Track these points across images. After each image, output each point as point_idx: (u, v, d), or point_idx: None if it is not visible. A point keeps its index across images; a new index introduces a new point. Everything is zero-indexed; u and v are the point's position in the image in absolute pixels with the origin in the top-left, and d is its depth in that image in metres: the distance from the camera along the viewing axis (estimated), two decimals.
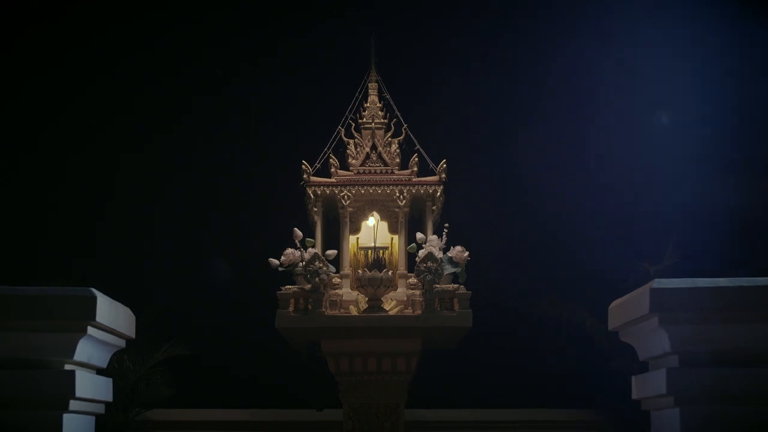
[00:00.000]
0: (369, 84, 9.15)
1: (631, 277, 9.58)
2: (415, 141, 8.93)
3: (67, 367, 4.92)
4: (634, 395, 5.36)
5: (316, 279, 8.24)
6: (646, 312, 4.75)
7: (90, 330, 4.88)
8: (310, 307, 8.29)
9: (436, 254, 8.35)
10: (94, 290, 4.95)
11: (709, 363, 4.80)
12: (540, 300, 10.53)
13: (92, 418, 5.40)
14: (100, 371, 5.46)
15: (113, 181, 11.31)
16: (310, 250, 8.44)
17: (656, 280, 4.70)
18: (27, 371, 4.65)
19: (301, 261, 8.34)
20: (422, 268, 8.30)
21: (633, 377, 5.34)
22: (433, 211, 8.79)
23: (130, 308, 5.74)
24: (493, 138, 11.32)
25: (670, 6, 11.17)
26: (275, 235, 8.96)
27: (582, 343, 9.96)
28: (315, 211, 8.77)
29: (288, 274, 8.44)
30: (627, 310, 5.06)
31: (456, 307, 8.31)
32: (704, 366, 4.81)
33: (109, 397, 5.61)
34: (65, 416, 4.83)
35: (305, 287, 8.29)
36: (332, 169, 8.82)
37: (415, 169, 8.80)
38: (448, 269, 8.41)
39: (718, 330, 4.75)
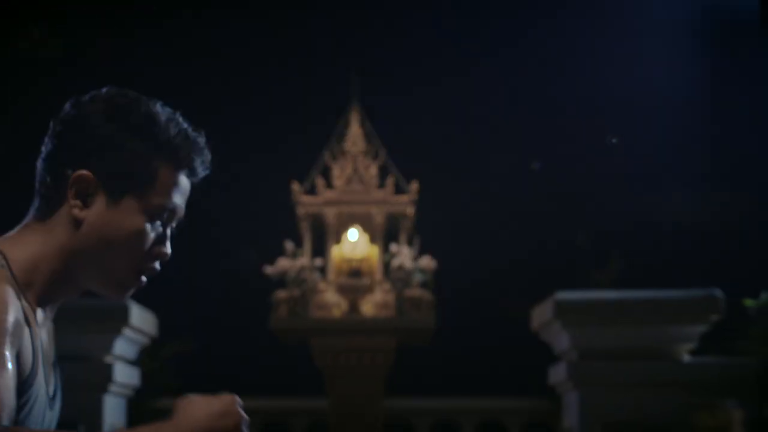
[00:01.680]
0: (351, 114, 10.39)
1: (585, 280, 10.81)
2: (391, 165, 10.15)
3: (107, 359, 6.30)
4: (550, 381, 6.69)
5: (305, 285, 9.53)
6: (551, 317, 6.11)
7: (124, 330, 6.23)
8: (299, 309, 9.58)
9: (407, 264, 9.58)
10: (127, 301, 6.30)
11: (602, 356, 6.07)
12: (506, 298, 11.67)
13: (124, 400, 6.75)
14: (130, 362, 6.79)
15: None
16: (299, 259, 9.71)
17: (558, 292, 6.05)
18: (79, 363, 5.96)
19: (292, 269, 9.61)
20: (394, 276, 9.60)
21: (550, 368, 6.68)
22: (405, 225, 9.94)
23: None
24: (463, 158, 12.33)
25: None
26: (270, 246, 10.06)
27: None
28: (304, 226, 10.00)
29: (281, 281, 9.64)
30: (541, 314, 6.37)
31: (423, 310, 9.58)
32: (597, 359, 6.08)
33: (137, 383, 6.94)
34: (105, 396, 6.21)
35: (295, 293, 9.57)
36: (318, 189, 10.08)
37: (391, 189, 9.97)
38: (418, 277, 9.68)
39: (608, 331, 6.05)
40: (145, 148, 1.82)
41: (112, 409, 6.39)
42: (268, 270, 9.57)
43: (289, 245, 9.63)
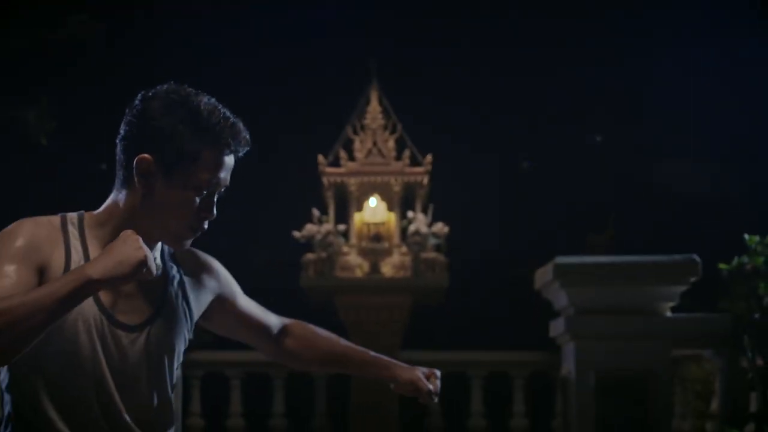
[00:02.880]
0: (371, 93, 11.15)
1: (585, 246, 11.63)
2: (407, 139, 10.95)
3: None
4: (551, 334, 7.57)
5: (330, 248, 10.41)
6: (551, 278, 7.00)
7: None
8: (325, 270, 10.43)
9: (423, 229, 10.35)
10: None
11: (595, 312, 6.90)
12: (513, 262, 12.47)
13: None
14: None
15: None
16: (325, 225, 10.52)
17: (558, 257, 6.94)
18: None
19: (318, 234, 10.41)
20: (411, 240, 10.45)
21: (550, 323, 7.55)
22: (420, 194, 10.75)
23: None
24: (473, 133, 13.06)
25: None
26: (299, 213, 10.71)
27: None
28: (329, 194, 10.82)
29: (308, 245, 10.38)
30: (542, 276, 7.21)
31: (437, 271, 10.42)
32: (591, 314, 6.91)
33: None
34: None
35: (321, 255, 10.44)
36: (342, 161, 10.83)
37: (407, 161, 10.77)
38: (432, 240, 10.47)
39: (601, 290, 6.86)
40: (192, 136, 2.24)
41: None
42: (297, 235, 10.40)
43: (315, 212, 10.46)
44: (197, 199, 2.27)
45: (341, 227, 10.47)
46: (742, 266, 6.57)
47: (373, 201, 10.65)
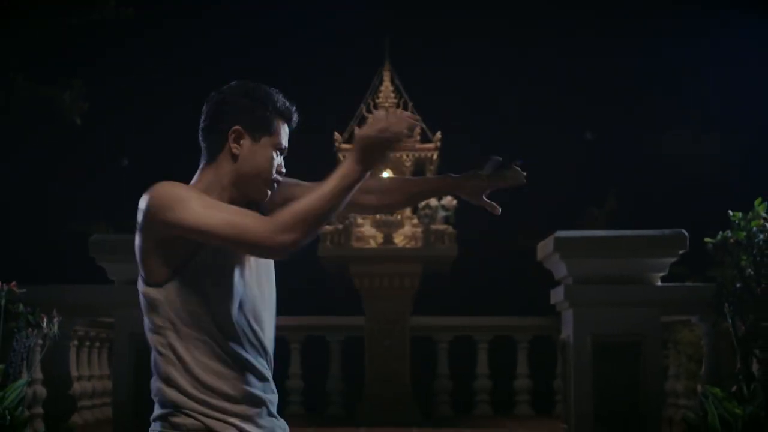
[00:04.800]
0: (384, 73, 11.68)
1: (583, 218, 12.17)
2: (418, 116, 11.51)
3: None
4: (551, 301, 8.08)
5: (346, 220, 10.99)
6: (552, 251, 7.60)
7: None
8: (341, 241, 10.97)
9: (433, 202, 10.88)
10: None
11: (592, 281, 7.42)
12: (517, 234, 13.03)
13: None
14: None
15: None
16: None
17: (558, 231, 7.53)
18: None
19: None
20: (422, 213, 10.99)
21: (551, 290, 8.12)
22: (431, 169, 11.27)
23: None
24: (480, 111, 13.52)
25: None
26: None
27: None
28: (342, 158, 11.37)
29: None
30: (544, 248, 7.78)
31: (446, 242, 10.99)
32: (588, 283, 7.43)
33: None
34: None
35: (338, 226, 10.94)
36: None
37: (418, 138, 11.32)
38: (441, 213, 11.00)
39: (597, 261, 7.39)
40: (267, 110, 2.83)
41: None
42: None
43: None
44: (275, 159, 2.84)
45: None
46: (726, 240, 7.00)
47: (385, 175, 11.14)
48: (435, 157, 11.31)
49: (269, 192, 2.86)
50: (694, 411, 7.24)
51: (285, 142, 2.88)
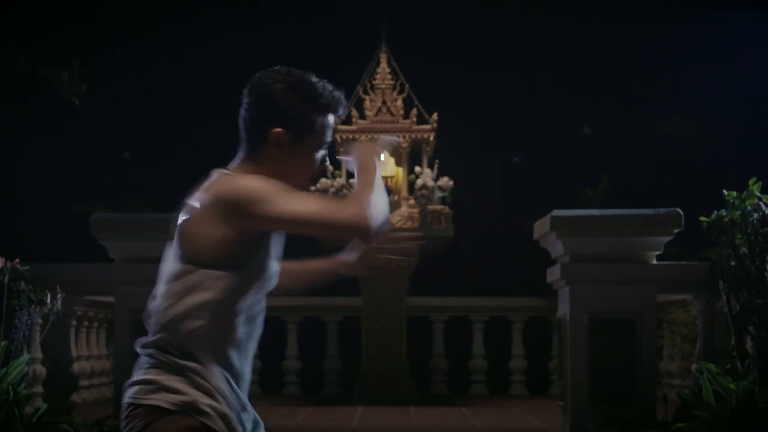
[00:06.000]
0: (380, 55, 11.75)
1: (583, 199, 12.25)
2: (415, 98, 11.57)
3: None
4: (548, 280, 8.12)
5: None
6: (549, 230, 7.67)
7: None
8: None
9: (429, 183, 11.00)
10: None
11: (588, 260, 7.50)
12: (513, 215, 13.11)
13: None
14: None
15: None
16: (338, 179, 11.14)
17: (555, 210, 7.60)
18: None
19: (332, 188, 11.05)
20: (419, 194, 11.07)
21: (548, 269, 8.19)
22: (427, 150, 11.37)
23: None
24: (476, 93, 13.58)
25: None
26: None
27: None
28: (341, 150, 11.43)
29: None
30: (541, 227, 7.83)
31: (443, 222, 11.06)
32: (584, 262, 7.50)
33: None
34: None
35: None
36: (353, 119, 11.46)
37: (415, 119, 11.39)
38: (438, 194, 11.09)
39: (593, 240, 7.45)
40: (311, 109, 2.74)
41: None
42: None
43: (329, 167, 11.12)
44: (317, 156, 2.81)
45: (353, 181, 11.03)
46: (720, 219, 7.06)
47: (382, 156, 11.22)
48: (431, 138, 11.38)
49: (311, 186, 2.89)
50: (689, 388, 7.31)
51: (329, 137, 2.84)
